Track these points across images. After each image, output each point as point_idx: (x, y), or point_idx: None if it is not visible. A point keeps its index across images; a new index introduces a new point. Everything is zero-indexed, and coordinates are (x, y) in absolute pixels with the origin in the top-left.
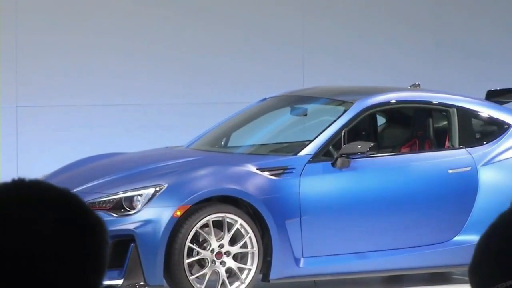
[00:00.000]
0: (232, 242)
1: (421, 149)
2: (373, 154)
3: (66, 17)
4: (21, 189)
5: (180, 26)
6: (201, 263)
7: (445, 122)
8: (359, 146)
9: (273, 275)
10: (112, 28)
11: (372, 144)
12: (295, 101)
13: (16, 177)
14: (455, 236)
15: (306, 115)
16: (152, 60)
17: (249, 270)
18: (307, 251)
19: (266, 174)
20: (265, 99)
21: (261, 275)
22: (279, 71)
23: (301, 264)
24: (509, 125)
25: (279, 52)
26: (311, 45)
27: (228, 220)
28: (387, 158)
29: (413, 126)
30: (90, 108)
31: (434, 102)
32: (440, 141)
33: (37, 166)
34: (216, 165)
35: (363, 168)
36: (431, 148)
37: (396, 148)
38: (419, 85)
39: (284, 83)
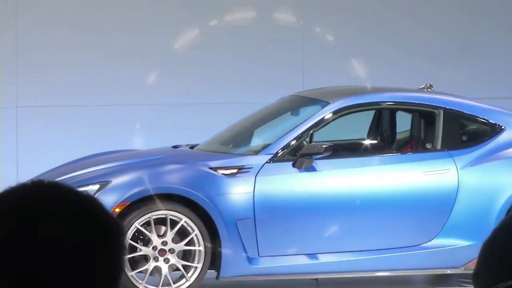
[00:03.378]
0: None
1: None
2: (330, 154)
3: (67, 17)
4: (43, 192)
5: (180, 26)
6: (147, 260)
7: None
8: (318, 146)
9: (223, 273)
10: (114, 28)
11: (327, 145)
12: (301, 101)
13: (32, 179)
14: (431, 240)
15: (298, 115)
16: (153, 60)
17: (195, 268)
18: (262, 251)
19: (219, 173)
20: (283, 98)
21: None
22: (279, 71)
23: (256, 263)
24: (502, 128)
25: (279, 52)
26: (311, 45)
27: (172, 217)
28: (356, 159)
29: (410, 127)
30: (90, 108)
31: (419, 103)
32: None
33: (37, 166)
34: (167, 164)
35: (326, 169)
36: (414, 150)
37: (398, 149)
38: (431, 86)
39: (284, 82)
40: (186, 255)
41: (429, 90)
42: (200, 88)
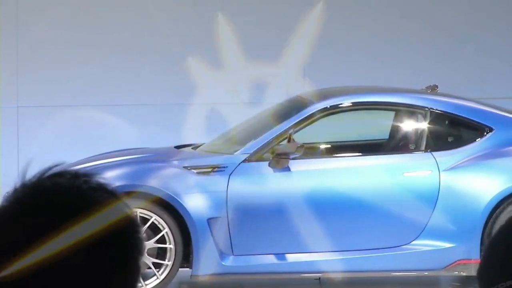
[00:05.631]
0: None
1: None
2: (300, 155)
3: (67, 17)
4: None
5: (181, 26)
6: None
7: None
8: (290, 146)
9: (194, 271)
10: (115, 28)
11: (299, 145)
12: (299, 102)
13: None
14: (411, 241)
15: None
16: (154, 60)
17: (166, 266)
18: (236, 249)
19: (193, 171)
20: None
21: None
22: (279, 71)
23: (229, 261)
24: (491, 129)
25: (279, 52)
26: (311, 44)
27: (142, 215)
28: (334, 159)
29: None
30: (91, 108)
31: (405, 103)
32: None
33: (37, 167)
34: (143, 163)
35: (302, 169)
36: (396, 151)
37: (380, 150)
38: (436, 86)
39: (284, 83)
40: (165, 254)
41: (435, 90)
42: (201, 88)
